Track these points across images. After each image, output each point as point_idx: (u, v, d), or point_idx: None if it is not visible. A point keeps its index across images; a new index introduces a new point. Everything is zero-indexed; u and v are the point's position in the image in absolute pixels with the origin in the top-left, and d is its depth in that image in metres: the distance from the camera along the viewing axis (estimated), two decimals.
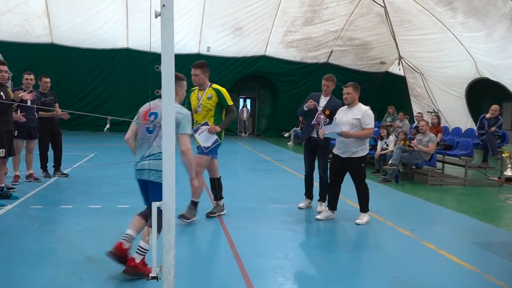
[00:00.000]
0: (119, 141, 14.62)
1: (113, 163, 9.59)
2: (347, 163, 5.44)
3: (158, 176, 3.45)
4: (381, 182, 8.75)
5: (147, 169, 3.50)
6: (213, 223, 5.17)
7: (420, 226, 5.49)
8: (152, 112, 3.66)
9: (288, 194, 6.86)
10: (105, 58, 17.60)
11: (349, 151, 5.38)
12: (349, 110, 5.47)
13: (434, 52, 16.46)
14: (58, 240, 4.33)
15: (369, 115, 5.32)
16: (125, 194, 6.48)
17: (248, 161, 11.28)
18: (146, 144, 3.60)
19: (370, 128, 5.29)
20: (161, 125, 2.79)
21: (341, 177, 5.60)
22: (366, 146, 5.42)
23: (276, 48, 18.78)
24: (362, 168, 5.43)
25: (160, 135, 3.21)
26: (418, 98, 19.55)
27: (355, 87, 5.44)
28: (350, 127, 5.34)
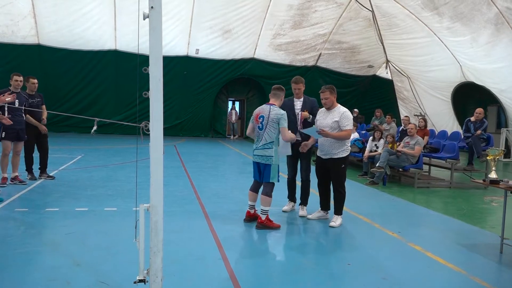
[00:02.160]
0: (106, 143, 14.59)
1: (100, 165, 9.50)
2: (328, 164, 5.48)
3: (265, 160, 5.15)
4: (368, 184, 8.81)
5: (259, 155, 5.19)
6: (201, 225, 5.15)
7: (407, 228, 5.54)
8: (261, 115, 5.22)
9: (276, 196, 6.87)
10: (92, 60, 17.44)
11: (330, 152, 5.44)
12: (328, 112, 5.51)
13: (421, 56, 16.66)
14: (44, 244, 4.27)
15: (347, 117, 5.37)
16: (112, 197, 6.43)
17: (236, 164, 11.28)
18: (258, 137, 5.24)
19: (348, 129, 5.36)
20: (268, 121, 5.10)
21: (326, 177, 5.63)
22: (347, 148, 5.48)
23: (265, 51, 18.82)
24: (342, 169, 5.47)
25: (267, 130, 5.13)
26: (405, 102, 19.76)
27: (332, 90, 5.47)
28: (329, 129, 5.39)
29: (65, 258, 3.87)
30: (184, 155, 12.10)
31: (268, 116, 5.14)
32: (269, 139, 5.13)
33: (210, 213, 5.75)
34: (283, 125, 5.08)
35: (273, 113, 5.13)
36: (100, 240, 4.41)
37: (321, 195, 5.77)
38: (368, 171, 9.83)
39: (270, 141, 5.13)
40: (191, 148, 14.54)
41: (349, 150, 5.57)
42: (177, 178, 8.36)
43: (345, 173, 5.55)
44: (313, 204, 6.24)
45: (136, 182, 6.91)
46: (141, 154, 7.23)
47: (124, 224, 4.97)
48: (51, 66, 16.91)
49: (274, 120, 5.11)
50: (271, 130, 5.13)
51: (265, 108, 5.21)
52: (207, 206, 6.17)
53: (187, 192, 7.09)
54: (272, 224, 5.19)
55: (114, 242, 4.36)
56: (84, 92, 17.82)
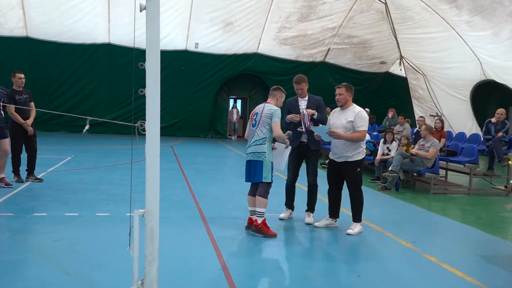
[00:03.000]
0: (98, 143, 14.62)
1: (92, 167, 9.52)
2: (342, 167, 5.48)
3: (257, 157, 5.18)
4: (380, 190, 8.79)
5: (251, 152, 5.24)
6: (199, 232, 5.15)
7: (422, 237, 5.52)
8: (255, 113, 5.39)
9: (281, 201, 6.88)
10: (84, 54, 17.49)
11: (344, 155, 5.43)
12: (342, 112, 5.51)
13: (438, 52, 16.62)
14: (31, 251, 4.27)
15: (362, 117, 5.36)
16: (104, 201, 6.44)
17: (237, 166, 11.27)
18: (250, 135, 5.35)
19: (363, 130, 5.34)
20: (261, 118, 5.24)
21: (339, 183, 5.64)
22: (362, 150, 5.47)
23: (269, 45, 18.83)
24: (358, 173, 5.46)
25: (260, 126, 5.23)
26: (421, 101, 19.72)
27: (348, 88, 5.48)
28: (343, 130, 5.39)
29: (53, 266, 3.88)
30: (182, 157, 12.10)
31: (261, 112, 5.29)
32: (261, 134, 5.22)
33: (209, 219, 5.75)
34: (275, 120, 5.16)
35: (267, 108, 5.27)
36: (91, 248, 4.41)
37: (331, 201, 5.75)
38: (380, 175, 9.81)
39: (262, 136, 5.21)
40: (190, 149, 14.54)
41: (365, 153, 5.56)
42: (174, 181, 8.37)
43: (361, 177, 5.56)
44: (319, 211, 6.23)
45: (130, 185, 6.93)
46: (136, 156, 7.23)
47: (117, 231, 4.97)
48: (40, 60, 16.97)
49: (267, 115, 5.22)
50: (264, 126, 5.22)
51: (260, 106, 5.41)
52: (206, 211, 6.17)
53: (184, 197, 7.09)
54: (268, 230, 5.17)
55: (106, 250, 4.36)
56: (75, 89, 17.86)
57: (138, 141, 3.09)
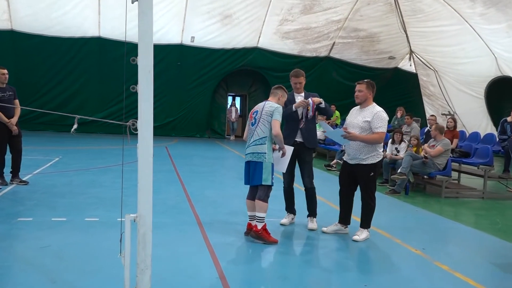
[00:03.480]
0: (87, 143, 14.61)
1: (81, 169, 9.52)
2: (355, 170, 5.49)
3: (256, 157, 5.17)
4: (389, 193, 8.80)
5: (250, 153, 5.23)
6: (195, 238, 5.15)
7: (433, 244, 5.52)
8: (255, 111, 5.37)
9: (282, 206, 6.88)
10: (72, 48, 17.49)
11: (357, 157, 5.44)
12: (360, 111, 5.52)
13: (450, 47, 16.62)
14: (16, 258, 4.28)
15: (381, 117, 5.35)
16: (94, 205, 6.44)
17: (236, 168, 11.28)
18: (250, 134, 5.33)
19: (380, 132, 5.33)
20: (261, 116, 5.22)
21: (351, 186, 5.65)
22: (378, 153, 5.46)
23: (270, 39, 18.83)
24: (371, 178, 5.47)
25: (260, 125, 5.21)
26: (432, 99, 19.72)
27: (370, 85, 5.48)
28: (359, 130, 5.39)
29: (39, 274, 3.88)
30: (177, 158, 12.11)
31: (262, 110, 5.28)
32: (261, 134, 5.20)
33: (206, 225, 5.75)
34: (276, 118, 5.15)
35: (268, 106, 5.26)
36: (79, 255, 4.41)
37: (342, 206, 5.75)
38: (388, 178, 9.81)
39: (262, 136, 5.19)
40: (185, 150, 14.55)
41: (381, 156, 5.55)
42: (168, 184, 8.37)
43: (374, 182, 5.56)
44: (324, 215, 6.23)
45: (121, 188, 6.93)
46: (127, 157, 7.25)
47: (107, 237, 4.97)
48: (25, 55, 16.97)
49: (268, 113, 5.21)
50: (264, 124, 5.20)
51: (261, 104, 5.43)
52: (202, 216, 6.17)
53: (179, 201, 7.10)
54: (268, 237, 5.16)
55: (96, 257, 4.36)
56: (63, 85, 17.87)
57: (130, 141, 3.10)
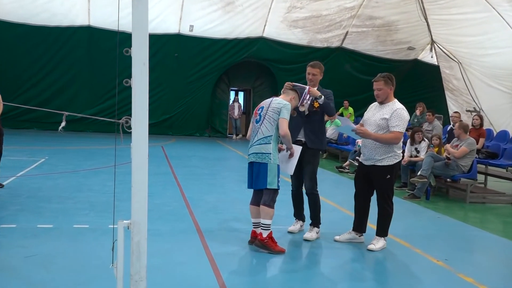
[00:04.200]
0: (76, 143, 14.63)
1: (69, 171, 9.55)
2: (370, 172, 5.49)
3: (260, 158, 5.13)
4: (408, 198, 8.78)
5: (253, 153, 5.20)
6: (194, 247, 5.16)
7: (456, 254, 5.51)
8: (260, 107, 5.35)
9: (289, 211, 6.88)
10: (60, 38, 17.54)
11: (372, 158, 5.43)
12: (379, 108, 5.52)
13: (476, 36, 16.54)
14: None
15: (400, 115, 5.33)
16: (83, 211, 6.46)
17: (239, 170, 11.28)
18: (254, 133, 5.29)
19: (397, 131, 5.30)
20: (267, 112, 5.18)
21: (367, 189, 5.64)
22: (396, 154, 5.44)
23: (277, 28, 18.81)
24: (388, 181, 5.45)
25: (265, 122, 5.17)
26: (455, 94, 19.63)
27: (387, 80, 5.44)
28: (376, 128, 5.38)
29: (25, 285, 3.89)
30: (174, 159, 12.13)
31: (268, 106, 5.24)
32: (266, 132, 5.15)
33: (206, 232, 5.75)
34: (283, 116, 5.11)
35: (275, 102, 5.23)
36: (67, 265, 4.42)
37: (357, 212, 5.75)
38: (407, 181, 9.79)
39: (268, 134, 5.15)
40: (183, 150, 14.57)
41: (399, 158, 5.53)
42: (165, 188, 8.38)
43: (392, 186, 5.54)
44: (337, 222, 6.22)
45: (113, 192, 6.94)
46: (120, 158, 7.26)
47: (98, 246, 4.98)
48: (8, 46, 17.01)
49: (274, 110, 5.16)
50: (270, 122, 5.16)
51: (267, 100, 5.39)
52: (202, 223, 6.18)
53: (177, 206, 7.10)
54: (275, 246, 5.14)
55: (86, 267, 4.37)
56: (50, 79, 17.92)
57: (123, 141, 3.10)
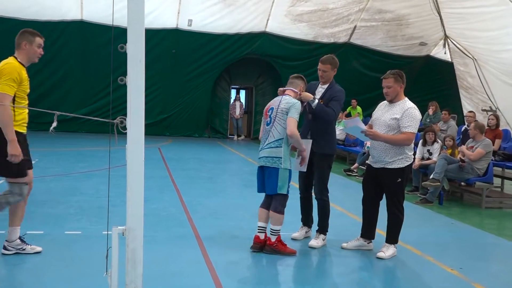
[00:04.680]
0: (69, 144, 14.64)
1: (61, 173, 9.56)
2: (380, 175, 5.48)
3: (271, 162, 5.22)
4: (420, 203, 8.76)
5: (264, 156, 5.29)
6: (193, 255, 5.16)
7: (471, 263, 5.50)
8: (270, 108, 5.42)
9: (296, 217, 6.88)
10: (51, 34, 17.52)
11: (382, 160, 5.42)
12: (389, 107, 5.51)
13: (492, 31, 16.50)
14: None
15: (411, 115, 5.33)
16: (76, 216, 6.47)
17: (240, 174, 11.28)
18: (264, 135, 5.38)
19: (409, 132, 5.29)
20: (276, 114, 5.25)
21: (376, 194, 5.64)
22: (407, 156, 5.43)
23: (281, 22, 18.81)
24: (398, 184, 5.45)
25: (275, 124, 5.24)
26: (470, 92, 19.60)
27: (397, 77, 5.43)
28: (385, 129, 5.38)
29: None
30: (172, 162, 12.13)
31: (277, 107, 5.29)
32: (277, 135, 5.23)
33: (206, 239, 5.75)
34: (292, 115, 5.18)
35: (284, 102, 5.26)
36: (59, 274, 4.43)
37: (365, 217, 5.75)
38: (419, 185, 9.77)
39: (279, 137, 5.22)
40: (181, 152, 14.57)
41: (411, 160, 5.53)
42: (162, 192, 8.38)
43: (402, 190, 5.55)
44: (344, 228, 6.21)
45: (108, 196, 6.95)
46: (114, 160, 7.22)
47: (92, 253, 4.98)
48: None
49: (283, 110, 5.22)
50: (280, 124, 5.22)
51: (277, 99, 5.45)
52: (201, 229, 6.17)
53: (175, 211, 7.11)
54: (285, 248, 5.30)
55: (78, 276, 4.37)
56: (40, 77, 17.89)
57: (118, 142, 3.10)
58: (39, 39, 4.92)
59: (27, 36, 4.85)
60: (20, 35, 4.90)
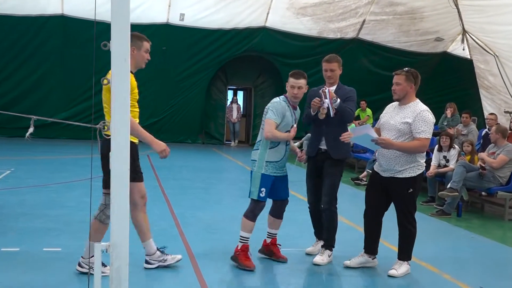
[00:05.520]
0: (48, 152, 14.63)
1: (39, 184, 9.55)
2: (389, 185, 5.47)
3: (250, 165, 5.62)
4: (436, 215, 8.76)
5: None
6: (185, 274, 5.15)
7: (493, 281, 5.49)
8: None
9: (295, 232, 6.88)
10: (29, 29, 17.58)
11: (392, 168, 5.41)
12: (399, 109, 5.51)
13: None
14: None
15: (425, 119, 5.32)
16: (55, 231, 6.46)
17: (238, 183, 11.26)
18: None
19: (423, 138, 5.28)
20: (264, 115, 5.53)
21: (381, 205, 5.62)
22: (419, 164, 5.42)
23: (282, 16, 18.85)
24: (410, 195, 5.44)
25: (262, 126, 5.51)
26: (491, 92, 19.61)
27: (410, 76, 5.43)
28: (396, 134, 5.37)
29: None
30: (162, 170, 12.12)
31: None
32: (259, 137, 5.64)
33: (199, 256, 5.75)
34: (268, 116, 5.45)
35: (269, 103, 5.62)
36: None
37: (368, 231, 5.74)
38: (435, 195, 9.77)
39: (259, 140, 5.61)
40: (173, 160, 14.47)
41: (423, 168, 5.53)
42: (151, 204, 8.32)
43: (414, 201, 5.53)
44: (351, 243, 6.21)
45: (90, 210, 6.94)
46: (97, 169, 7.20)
47: (72, 272, 4.97)
48: None
49: (265, 111, 5.58)
50: (262, 126, 5.58)
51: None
52: (194, 245, 6.17)
53: (165, 225, 7.10)
54: (243, 260, 5.45)
55: None
56: (16, 77, 17.95)
57: (101, 149, 3.11)
58: (146, 44, 5.14)
59: (135, 41, 4.97)
60: None
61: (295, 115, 5.66)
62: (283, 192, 5.72)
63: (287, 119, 5.50)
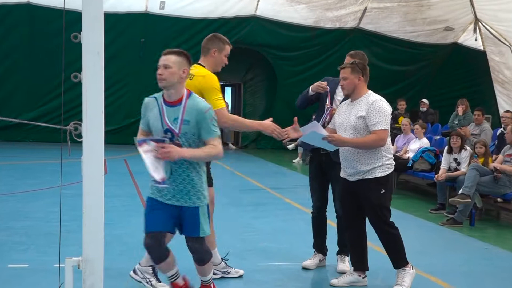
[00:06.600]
0: (13, 156, 14.59)
1: (3, 193, 9.51)
2: (358, 189, 5.44)
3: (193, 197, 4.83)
4: (447, 224, 8.77)
5: None
6: None
7: None
8: None
9: (292, 243, 6.89)
10: None
11: (358, 170, 5.38)
12: (351, 105, 5.49)
13: None
14: None
15: (379, 109, 5.30)
16: (22, 245, 6.44)
17: (228, 190, 11.26)
18: None
19: (379, 130, 5.23)
20: None
21: (359, 213, 5.57)
22: (386, 161, 5.39)
23: (274, 4, 18.88)
24: (382, 197, 5.38)
25: None
26: (507, 87, 19.70)
27: (355, 66, 5.42)
28: (353, 132, 5.35)
29: None
30: (142, 176, 12.06)
31: None
32: None
33: (184, 272, 5.75)
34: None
35: None
36: None
37: (352, 245, 5.71)
38: (445, 202, 9.80)
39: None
40: None
41: (392, 166, 5.50)
42: (128, 214, 8.35)
43: (387, 202, 5.45)
44: None
45: (60, 221, 6.93)
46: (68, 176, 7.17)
47: None
48: None
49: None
50: None
51: None
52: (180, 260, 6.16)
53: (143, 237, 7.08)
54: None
55: None
56: None
57: (71, 153, 3.10)
58: (228, 48, 5.51)
59: (217, 43, 5.45)
60: (210, 41, 5.53)
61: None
62: None
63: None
